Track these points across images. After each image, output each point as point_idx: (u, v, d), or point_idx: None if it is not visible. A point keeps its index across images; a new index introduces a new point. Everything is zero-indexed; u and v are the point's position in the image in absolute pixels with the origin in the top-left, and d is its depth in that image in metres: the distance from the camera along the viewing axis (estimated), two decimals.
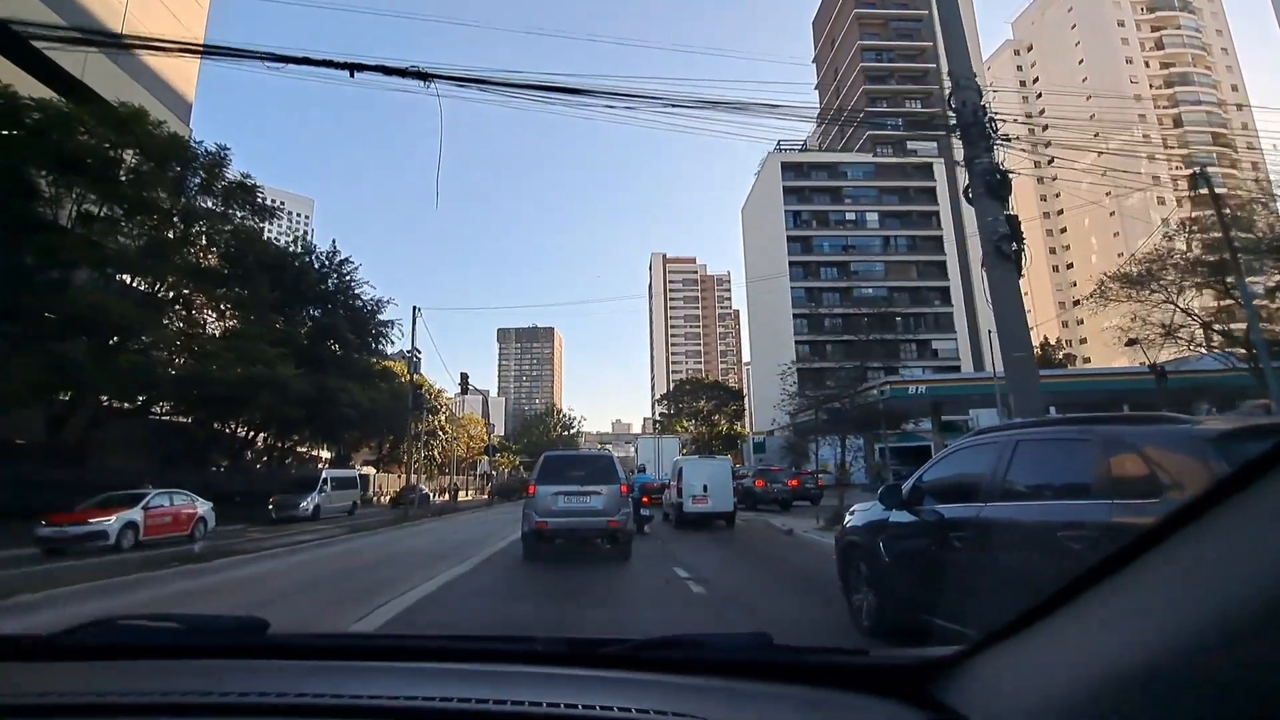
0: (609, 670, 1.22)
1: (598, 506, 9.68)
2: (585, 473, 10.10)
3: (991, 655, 0.96)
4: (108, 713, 0.99)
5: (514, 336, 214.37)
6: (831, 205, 65.84)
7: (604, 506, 9.69)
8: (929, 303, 63.73)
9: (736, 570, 9.72)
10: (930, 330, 63.13)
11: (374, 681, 1.12)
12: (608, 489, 9.78)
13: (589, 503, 9.69)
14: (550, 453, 11.62)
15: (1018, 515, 3.66)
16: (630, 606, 6.80)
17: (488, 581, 8.58)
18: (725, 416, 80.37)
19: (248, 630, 1.40)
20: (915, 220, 65.74)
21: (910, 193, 66.19)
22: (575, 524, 9.67)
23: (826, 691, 1.11)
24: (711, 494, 16.03)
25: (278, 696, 1.01)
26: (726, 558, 11.03)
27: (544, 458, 10.70)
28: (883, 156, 67.53)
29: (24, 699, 1.01)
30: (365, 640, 1.44)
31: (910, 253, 64.90)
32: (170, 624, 1.39)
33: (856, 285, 64.06)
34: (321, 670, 1.24)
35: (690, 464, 17.39)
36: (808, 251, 64.54)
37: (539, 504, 9.68)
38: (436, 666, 1.25)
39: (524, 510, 10.08)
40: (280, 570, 10.11)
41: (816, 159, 68.45)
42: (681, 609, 6.66)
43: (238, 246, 25.22)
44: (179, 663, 1.28)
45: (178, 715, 0.99)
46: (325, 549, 13.41)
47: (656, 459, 29.85)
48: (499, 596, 7.48)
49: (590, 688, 1.12)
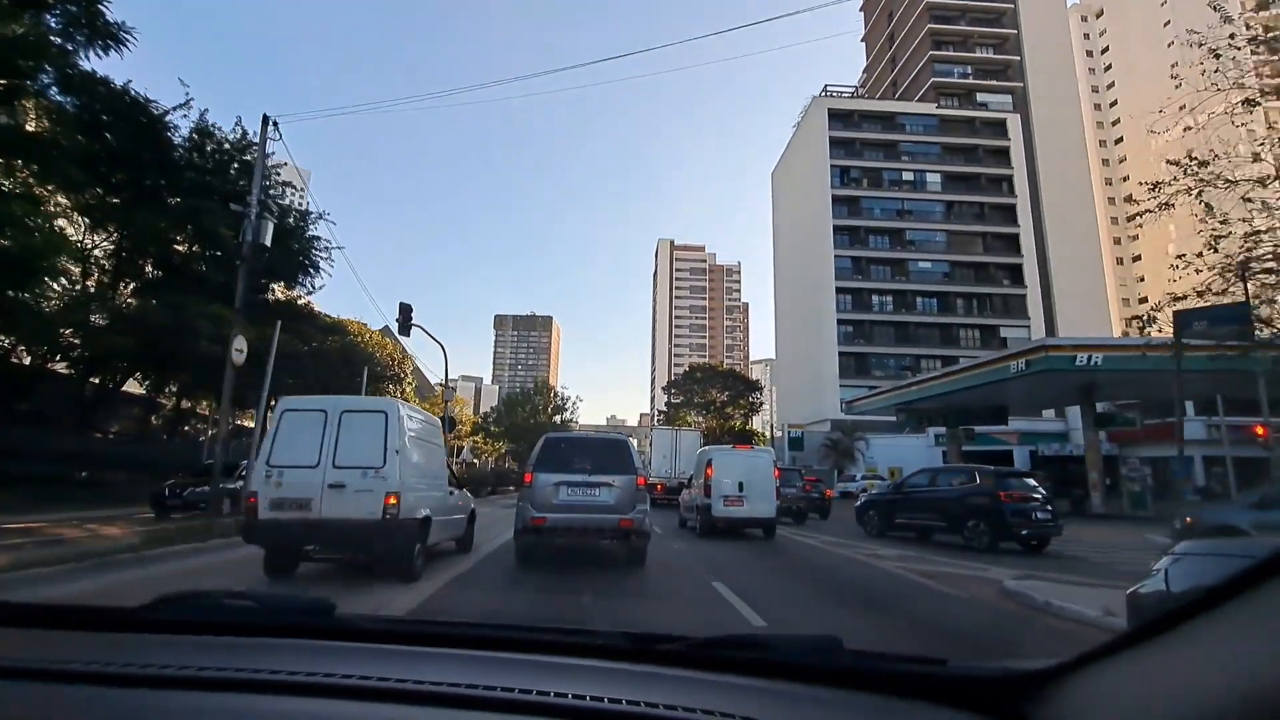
0: (669, 667, 1.19)
1: (608, 501, 8.26)
2: (594, 460, 8.48)
3: (1089, 675, 0.91)
4: (191, 686, 1.03)
5: (512, 323, 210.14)
6: (886, 162, 55.62)
7: (616, 501, 8.25)
8: (997, 282, 53.58)
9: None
10: (998, 314, 52.95)
11: (438, 668, 1.13)
12: (621, 480, 8.33)
13: (597, 496, 8.27)
14: (552, 434, 9.49)
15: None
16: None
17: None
18: (740, 410, 70.26)
19: (317, 612, 1.41)
20: (984, 185, 55.59)
21: (979, 153, 56.03)
22: (580, 520, 8.19)
23: (900, 701, 1.08)
24: (749, 495, 13.41)
25: (343, 678, 1.03)
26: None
27: (544, 440, 8.97)
28: (948, 109, 57.30)
29: (115, 668, 1.05)
30: (428, 626, 1.45)
31: (977, 222, 54.74)
32: (246, 602, 1.46)
33: (912, 258, 53.86)
34: (387, 654, 1.23)
35: (723, 456, 14.29)
36: (855, 215, 54.31)
37: (537, 495, 8.21)
38: (496, 655, 1.24)
39: (518, 502, 8.63)
40: None
41: (870, 107, 58.20)
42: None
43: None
44: (252, 640, 1.30)
45: (249, 691, 1.03)
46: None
47: (673, 454, 27.36)
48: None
49: (651, 684, 1.11)
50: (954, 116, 56.84)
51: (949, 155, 56.03)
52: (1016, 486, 12.44)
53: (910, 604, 6.99)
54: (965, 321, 52.87)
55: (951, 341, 52.25)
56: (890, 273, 53.90)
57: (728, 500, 13.29)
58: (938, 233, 54.36)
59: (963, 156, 56.09)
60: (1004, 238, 54.31)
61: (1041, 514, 12.06)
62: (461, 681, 1.03)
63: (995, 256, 53.82)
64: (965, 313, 53.16)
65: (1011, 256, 53.63)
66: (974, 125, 56.77)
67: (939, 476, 14.09)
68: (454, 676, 1.05)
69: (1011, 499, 12.07)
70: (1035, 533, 11.99)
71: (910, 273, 53.54)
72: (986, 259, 53.82)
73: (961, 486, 13.05)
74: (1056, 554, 11.82)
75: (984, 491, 12.34)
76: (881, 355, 52.31)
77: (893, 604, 7.01)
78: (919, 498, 13.78)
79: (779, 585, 7.93)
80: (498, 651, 1.26)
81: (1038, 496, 12.30)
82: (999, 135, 56.05)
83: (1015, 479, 13.09)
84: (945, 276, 53.56)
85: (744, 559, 9.92)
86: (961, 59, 59.42)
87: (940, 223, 54.49)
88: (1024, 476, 13.59)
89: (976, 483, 12.75)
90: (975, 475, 13.06)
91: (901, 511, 14.02)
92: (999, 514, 11.93)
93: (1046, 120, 58.03)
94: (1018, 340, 51.06)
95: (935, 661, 1.16)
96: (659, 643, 1.25)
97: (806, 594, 7.44)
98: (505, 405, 51.72)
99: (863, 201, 54.62)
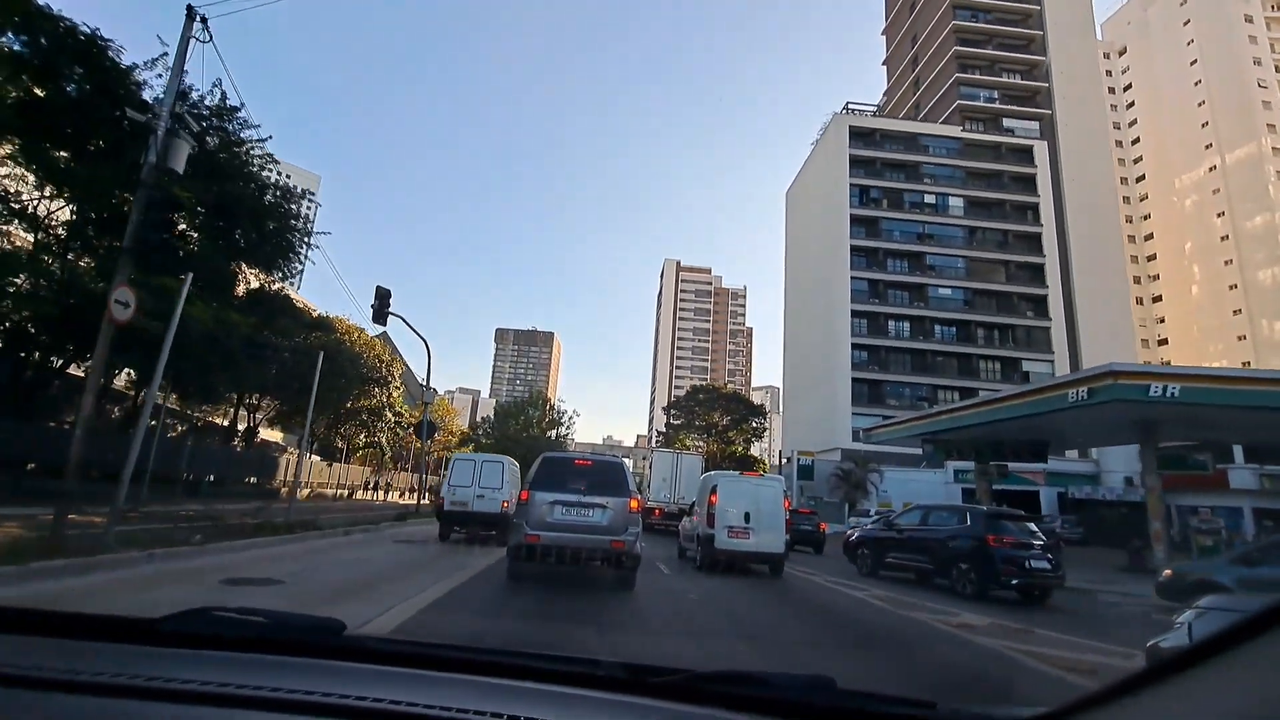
0: (666, 701, 1.22)
1: (601, 522, 8.22)
2: (589, 481, 8.50)
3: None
4: (200, 701, 1.05)
5: (512, 337, 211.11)
6: (907, 184, 53.52)
7: (609, 523, 8.23)
8: (1020, 313, 51.10)
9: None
10: (1020, 347, 50.38)
11: (442, 692, 1.15)
12: (614, 502, 8.30)
13: (590, 517, 8.24)
14: (551, 454, 9.41)
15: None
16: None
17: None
18: (743, 435, 67.37)
19: (326, 631, 1.43)
20: (1009, 213, 53.42)
21: (1004, 179, 53.99)
22: (572, 540, 8.05)
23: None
24: (756, 527, 11.97)
25: (351, 699, 1.05)
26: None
27: (542, 459, 9.04)
28: (972, 133, 55.42)
29: (124, 680, 1.08)
30: (434, 649, 1.47)
31: (1000, 250, 52.46)
32: (257, 618, 1.45)
33: (932, 283, 51.46)
34: (393, 676, 1.26)
35: (728, 483, 12.86)
36: (874, 236, 52.05)
37: (533, 513, 8.23)
38: (501, 683, 1.26)
39: (513, 520, 8.67)
40: None
41: (893, 126, 56.29)
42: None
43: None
44: (261, 656, 1.31)
45: (261, 709, 1.04)
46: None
47: (674, 478, 26.10)
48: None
49: (648, 717, 1.14)
50: (979, 141, 54.92)
51: (972, 180, 53.99)
52: (1009, 531, 11.60)
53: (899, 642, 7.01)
54: (986, 353, 50.28)
55: (970, 373, 49.62)
56: (909, 298, 51.47)
57: (732, 531, 12.05)
58: (959, 259, 52.04)
59: (986, 182, 54.04)
60: (1028, 267, 51.99)
61: (1037, 562, 11.14)
62: (469, 708, 1.05)
63: (1019, 286, 51.41)
64: (986, 344, 50.60)
65: (1036, 287, 51.23)
66: (999, 151, 54.84)
67: (931, 515, 13.50)
68: (458, 702, 1.07)
69: (1002, 544, 11.28)
70: (1028, 582, 11.08)
71: (929, 299, 51.11)
72: (1010, 288, 51.42)
73: (951, 527, 12.43)
74: (1060, 607, 11.04)
75: (973, 534, 11.68)
76: (897, 383, 49.63)
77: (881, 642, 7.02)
78: (912, 537, 13.23)
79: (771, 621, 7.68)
80: (504, 679, 1.28)
81: (1035, 543, 11.48)
82: (1025, 162, 54.07)
83: (1010, 522, 12.06)
84: (966, 304, 51.12)
85: (742, 593, 9.56)
86: (988, 83, 57.78)
87: (962, 248, 52.21)
88: (1023, 520, 12.35)
89: (966, 524, 12.14)
90: (966, 516, 12.51)
91: (894, 550, 13.54)
92: (988, 560, 11.17)
93: (1074, 149, 56.16)
94: (1042, 376, 48.59)
95: (925, 705, 1.19)
96: (655, 674, 1.28)
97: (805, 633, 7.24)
98: (497, 416, 48.76)
99: (882, 223, 52.40)
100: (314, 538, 12.18)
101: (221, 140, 20.70)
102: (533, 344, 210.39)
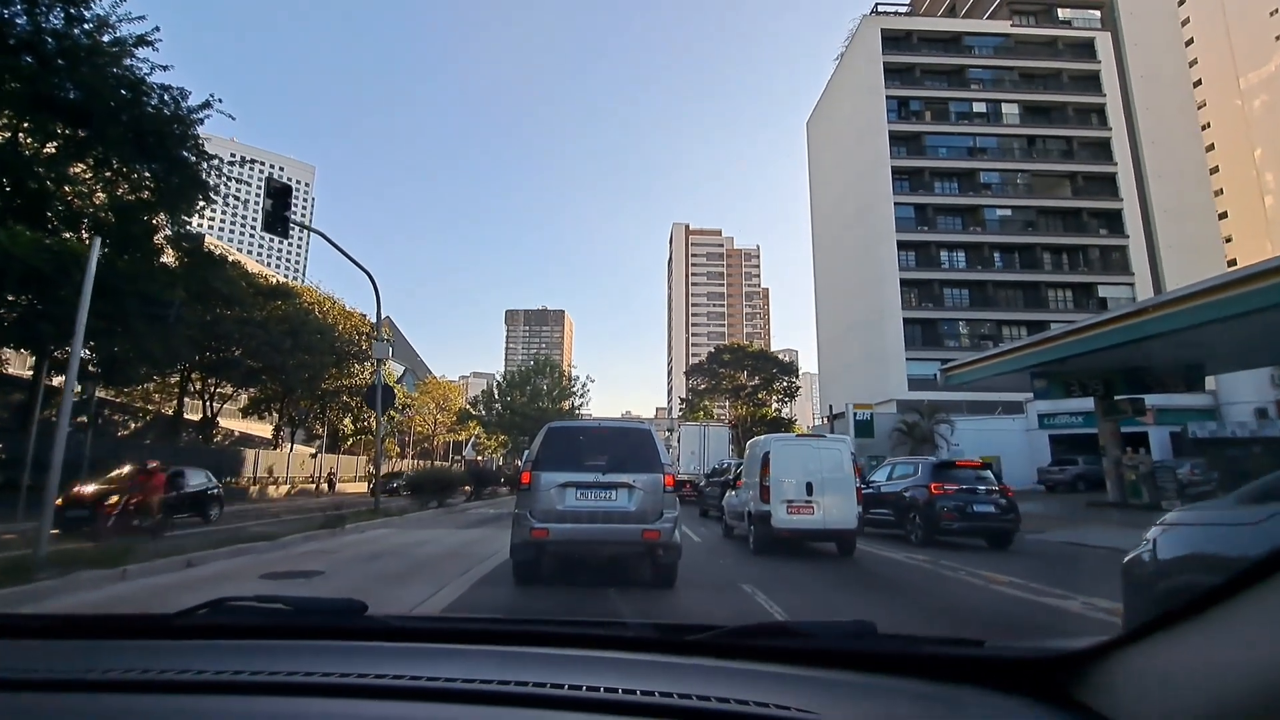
0: (701, 658, 1.19)
1: (627, 507, 6.48)
2: (610, 455, 6.66)
3: (1139, 652, 0.87)
4: (228, 691, 1.05)
5: (523, 318, 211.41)
6: (951, 91, 46.36)
7: (637, 507, 6.48)
8: (1092, 231, 44.19)
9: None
10: (1094, 270, 43.60)
11: (468, 665, 1.13)
12: (644, 480, 6.55)
13: (614, 501, 6.51)
14: (556, 424, 7.37)
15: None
16: None
17: None
18: (775, 395, 61.34)
19: (348, 612, 1.42)
20: (1071, 117, 46.17)
21: (1063, 78, 46.61)
22: (592, 532, 6.44)
23: (939, 685, 1.06)
24: (822, 499, 10.36)
25: (376, 678, 1.03)
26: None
27: (547, 430, 7.05)
28: (1024, 26, 47.92)
29: (152, 675, 1.07)
30: (457, 623, 1.48)
31: (1065, 160, 45.37)
32: (276, 604, 1.43)
33: (987, 204, 44.63)
34: (417, 653, 1.24)
35: (784, 447, 11.05)
36: (917, 155, 45.13)
37: (538, 501, 6.45)
38: (527, 651, 1.23)
39: (516, 511, 6.86)
40: None
41: (930, 26, 48.96)
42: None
43: None
44: (285, 642, 1.31)
45: (285, 694, 1.03)
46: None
47: (702, 450, 25.28)
48: None
49: (682, 675, 1.10)
50: (1032, 37, 47.43)
51: (1027, 82, 46.68)
52: (954, 478, 12.06)
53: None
54: (1055, 279, 43.57)
55: (1038, 304, 43.00)
56: (961, 223, 44.72)
57: (792, 506, 10.49)
58: (1017, 173, 45.05)
59: (1043, 83, 46.72)
60: (1097, 178, 44.90)
61: (982, 506, 11.52)
62: (493, 678, 1.03)
63: (1088, 200, 44.41)
64: (1054, 269, 43.85)
65: (1108, 200, 44.19)
66: (1055, 46, 47.37)
67: (895, 469, 14.05)
68: (485, 673, 1.05)
69: (944, 492, 11.72)
70: (972, 527, 11.47)
71: (985, 222, 44.31)
72: (1078, 203, 44.45)
73: (909, 480, 12.81)
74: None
75: (920, 484, 12.23)
76: (953, 320, 43.20)
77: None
78: (878, 492, 13.64)
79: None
80: (526, 646, 1.25)
81: (980, 489, 11.78)
82: (1086, 57, 46.61)
83: (955, 469, 12.48)
84: (1028, 226, 44.27)
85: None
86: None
87: (1020, 161, 45.18)
88: (975, 467, 12.59)
89: (917, 475, 12.61)
90: (918, 468, 12.91)
91: (871, 506, 13.22)
92: (930, 506, 11.70)
93: (1140, 40, 48.56)
94: (1121, 300, 41.67)
95: (972, 643, 1.14)
96: (688, 633, 1.25)
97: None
98: (499, 388, 43.04)
99: (925, 138, 45.42)
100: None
101: (69, 17, 14.76)
102: (544, 323, 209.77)
